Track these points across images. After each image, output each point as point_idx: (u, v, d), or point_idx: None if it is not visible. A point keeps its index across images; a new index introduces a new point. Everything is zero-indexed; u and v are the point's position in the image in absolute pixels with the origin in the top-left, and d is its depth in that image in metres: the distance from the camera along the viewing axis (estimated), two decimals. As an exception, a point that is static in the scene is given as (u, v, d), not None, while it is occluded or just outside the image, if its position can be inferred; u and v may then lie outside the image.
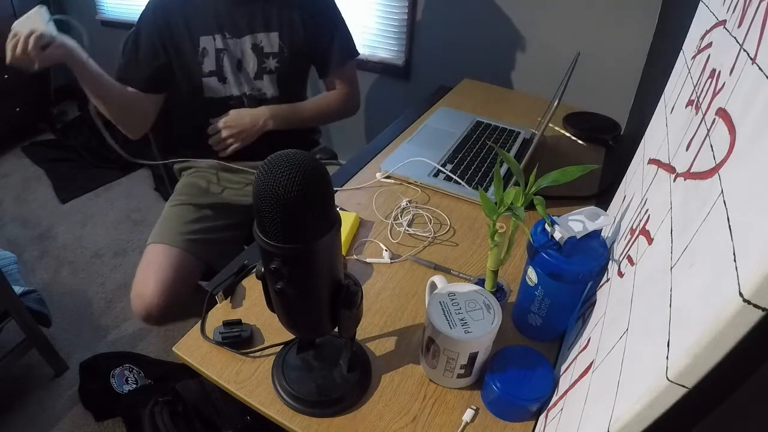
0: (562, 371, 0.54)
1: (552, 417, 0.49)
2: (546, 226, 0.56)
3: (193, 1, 1.03)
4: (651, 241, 0.41)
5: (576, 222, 0.55)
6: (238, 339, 0.62)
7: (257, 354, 0.61)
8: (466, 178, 0.94)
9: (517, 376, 0.54)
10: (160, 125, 1.15)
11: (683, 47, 0.60)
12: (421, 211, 0.87)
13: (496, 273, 0.66)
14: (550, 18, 1.45)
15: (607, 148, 1.11)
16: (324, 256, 0.45)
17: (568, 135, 1.15)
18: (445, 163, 0.98)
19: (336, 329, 0.53)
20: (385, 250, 0.77)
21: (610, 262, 0.54)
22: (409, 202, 0.89)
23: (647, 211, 0.46)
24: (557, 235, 0.53)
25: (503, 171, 0.95)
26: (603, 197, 0.89)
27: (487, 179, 0.94)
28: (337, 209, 0.46)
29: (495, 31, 1.55)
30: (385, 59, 1.80)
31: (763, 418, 0.25)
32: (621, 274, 0.47)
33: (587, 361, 0.45)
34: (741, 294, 0.22)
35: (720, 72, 0.38)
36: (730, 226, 0.25)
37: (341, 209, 0.85)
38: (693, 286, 0.28)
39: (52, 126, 2.52)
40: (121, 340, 1.47)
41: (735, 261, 0.23)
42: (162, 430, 1.00)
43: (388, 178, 0.95)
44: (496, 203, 0.60)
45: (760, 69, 0.29)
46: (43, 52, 0.83)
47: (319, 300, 0.48)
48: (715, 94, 0.37)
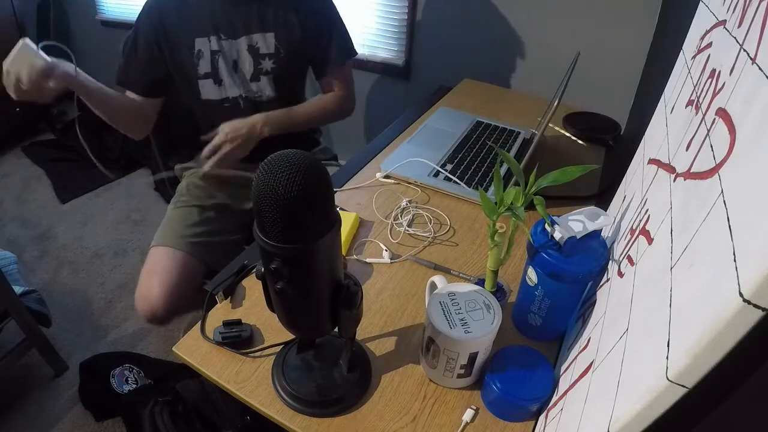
0: (562, 371, 0.54)
1: (552, 417, 0.49)
2: (546, 226, 0.56)
3: (189, 2, 1.02)
4: (651, 241, 0.41)
5: (576, 222, 0.55)
6: (238, 339, 0.62)
7: (257, 354, 0.61)
8: (466, 178, 0.94)
9: (517, 376, 0.54)
10: (160, 126, 1.15)
11: (683, 47, 0.60)
12: (421, 211, 0.87)
13: (496, 273, 0.66)
14: (550, 18, 1.45)
15: (607, 148, 1.11)
16: (324, 256, 0.45)
17: (568, 135, 1.15)
18: (445, 163, 0.98)
19: (336, 329, 0.53)
20: (385, 250, 0.77)
21: (610, 262, 0.54)
22: (409, 202, 0.89)
23: (647, 211, 0.46)
24: (557, 235, 0.53)
25: (503, 171, 0.95)
26: (603, 197, 0.89)
27: (487, 179, 0.94)
28: (337, 209, 0.46)
29: (495, 31, 1.55)
30: (385, 59, 1.80)
31: (763, 418, 0.25)
32: (621, 274, 0.47)
33: (587, 361, 0.45)
34: (741, 294, 0.22)
35: (720, 72, 0.38)
36: (730, 226, 0.25)
37: (341, 209, 0.85)
38: (693, 286, 0.28)
39: (52, 126, 2.52)
40: (121, 340, 1.47)
41: (735, 261, 0.23)
42: (162, 430, 1.00)
43: (388, 178, 0.95)
44: (496, 203, 0.60)
45: (760, 69, 0.29)
46: (48, 85, 0.84)
47: (319, 300, 0.48)
48: (715, 94, 0.37)
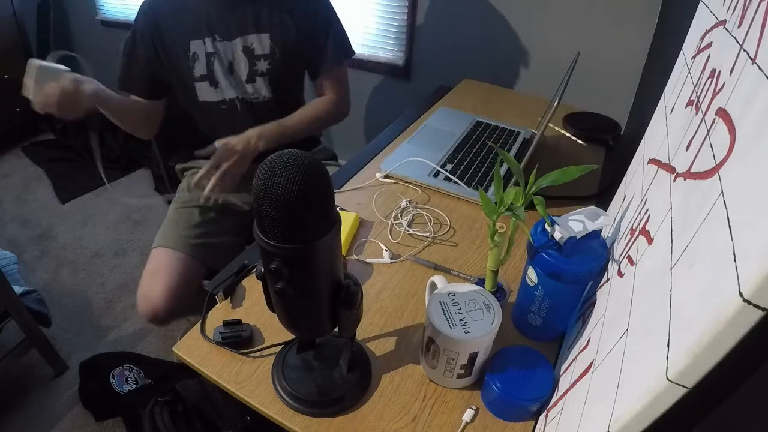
0: (562, 371, 0.54)
1: (552, 417, 0.49)
2: (546, 226, 0.56)
3: (183, 4, 1.01)
4: (651, 241, 0.41)
5: (576, 222, 0.55)
6: (238, 339, 0.62)
7: (257, 354, 0.61)
8: (466, 178, 0.94)
9: (517, 376, 0.54)
10: (160, 125, 1.15)
11: (683, 47, 0.60)
12: (421, 211, 0.87)
13: (496, 273, 0.66)
14: (550, 18, 1.45)
15: (607, 148, 1.11)
16: (324, 256, 0.45)
17: (568, 135, 1.15)
18: (445, 163, 0.98)
19: (336, 329, 0.53)
20: (385, 250, 0.77)
21: (610, 262, 0.54)
22: (409, 202, 0.89)
23: (647, 211, 0.46)
24: (557, 235, 0.53)
25: (503, 171, 0.95)
26: (603, 197, 0.89)
27: (487, 179, 0.94)
28: (337, 209, 0.46)
29: (495, 32, 1.55)
30: (385, 59, 1.80)
31: (763, 418, 0.25)
32: (621, 274, 0.47)
33: (587, 361, 0.45)
34: (741, 294, 0.22)
35: (720, 72, 0.38)
36: (730, 226, 0.25)
37: (341, 209, 0.85)
38: (693, 286, 0.28)
39: (52, 126, 2.52)
40: (121, 340, 1.47)
41: (735, 261, 0.23)
42: (162, 430, 1.00)
43: (388, 178, 0.95)
44: (496, 203, 0.60)
45: (760, 69, 0.29)
46: (81, 99, 0.86)
47: (319, 300, 0.48)
48: (715, 94, 0.37)
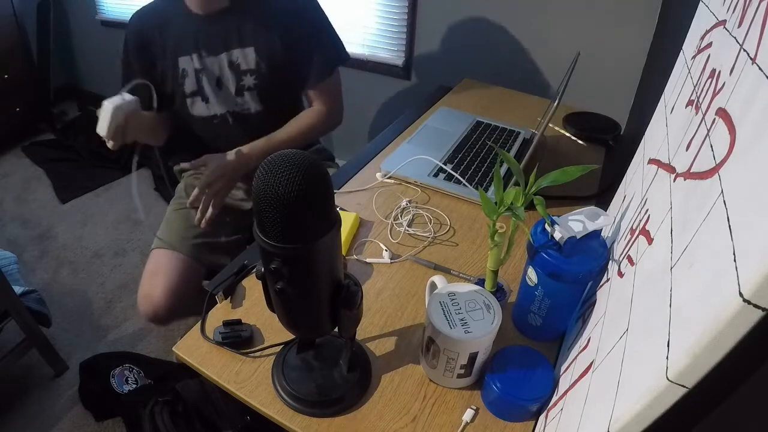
0: (562, 371, 0.54)
1: (552, 417, 0.49)
2: (546, 226, 0.56)
3: (168, 21, 1.00)
4: (651, 241, 0.41)
5: (576, 222, 0.55)
6: (238, 339, 0.62)
7: (257, 354, 0.61)
8: (466, 178, 0.94)
9: (517, 376, 0.54)
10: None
11: (683, 47, 0.60)
12: (421, 211, 0.87)
13: (496, 273, 0.66)
14: (550, 18, 1.44)
15: (607, 148, 1.11)
16: (324, 256, 0.45)
17: (568, 135, 1.15)
18: (445, 163, 0.98)
19: (336, 329, 0.53)
20: (385, 250, 0.77)
21: (610, 262, 0.54)
22: (409, 202, 0.89)
23: (647, 211, 0.46)
24: (557, 235, 0.53)
25: (503, 171, 0.95)
26: (603, 197, 0.89)
27: (487, 179, 0.94)
28: (337, 209, 0.46)
29: (495, 31, 1.55)
30: (385, 59, 1.80)
31: (763, 418, 0.25)
32: (621, 274, 0.47)
33: (587, 361, 0.45)
34: (741, 294, 0.22)
35: (720, 72, 0.38)
36: (730, 226, 0.25)
37: (341, 209, 0.85)
38: (693, 286, 0.28)
39: (52, 126, 2.52)
40: (121, 340, 1.47)
41: (735, 261, 0.23)
42: (162, 430, 1.00)
43: (388, 178, 0.95)
44: (496, 203, 0.60)
45: (760, 69, 0.29)
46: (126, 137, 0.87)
47: (319, 300, 0.48)
48: (715, 94, 0.37)
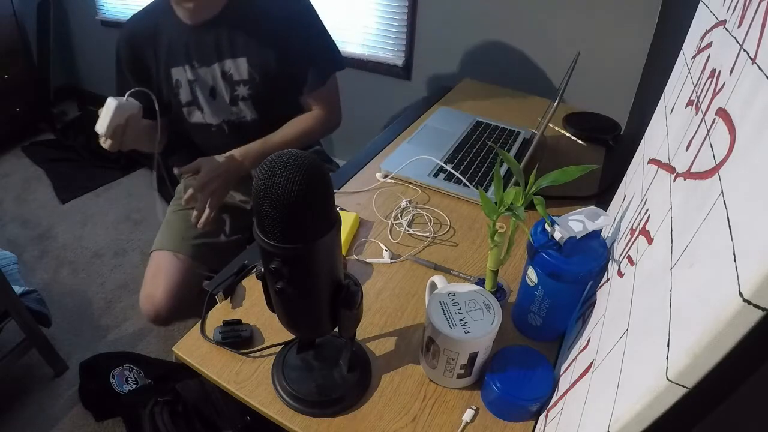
0: (562, 371, 0.54)
1: (552, 417, 0.49)
2: (546, 226, 0.56)
3: (161, 33, 1.00)
4: (651, 241, 0.41)
5: (576, 222, 0.55)
6: (238, 339, 0.62)
7: (257, 354, 0.61)
8: (466, 178, 0.94)
9: (517, 376, 0.54)
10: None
11: (683, 47, 0.60)
12: (421, 211, 0.87)
13: (496, 273, 0.66)
14: (550, 18, 1.44)
15: (607, 148, 1.11)
16: (324, 256, 0.45)
17: (568, 135, 1.15)
18: (445, 163, 0.98)
19: (336, 329, 0.53)
20: (385, 250, 0.77)
21: (610, 262, 0.54)
22: (409, 202, 0.89)
23: (647, 211, 0.46)
24: (557, 235, 0.53)
25: (503, 171, 0.95)
26: (603, 197, 0.89)
27: (487, 179, 0.94)
28: (337, 209, 0.46)
29: (495, 31, 1.55)
30: (385, 59, 1.80)
31: (763, 418, 0.25)
32: (621, 274, 0.47)
33: (587, 361, 0.45)
34: (741, 294, 0.22)
35: (720, 72, 0.38)
36: (730, 226, 0.25)
37: (341, 209, 0.85)
38: (693, 286, 0.28)
39: (52, 126, 2.52)
40: (121, 340, 1.47)
41: (735, 261, 0.23)
42: (162, 430, 1.00)
43: (388, 178, 0.95)
44: (496, 203, 0.60)
45: (760, 69, 0.29)
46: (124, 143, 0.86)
47: (319, 300, 0.48)
48: (715, 94, 0.37)
